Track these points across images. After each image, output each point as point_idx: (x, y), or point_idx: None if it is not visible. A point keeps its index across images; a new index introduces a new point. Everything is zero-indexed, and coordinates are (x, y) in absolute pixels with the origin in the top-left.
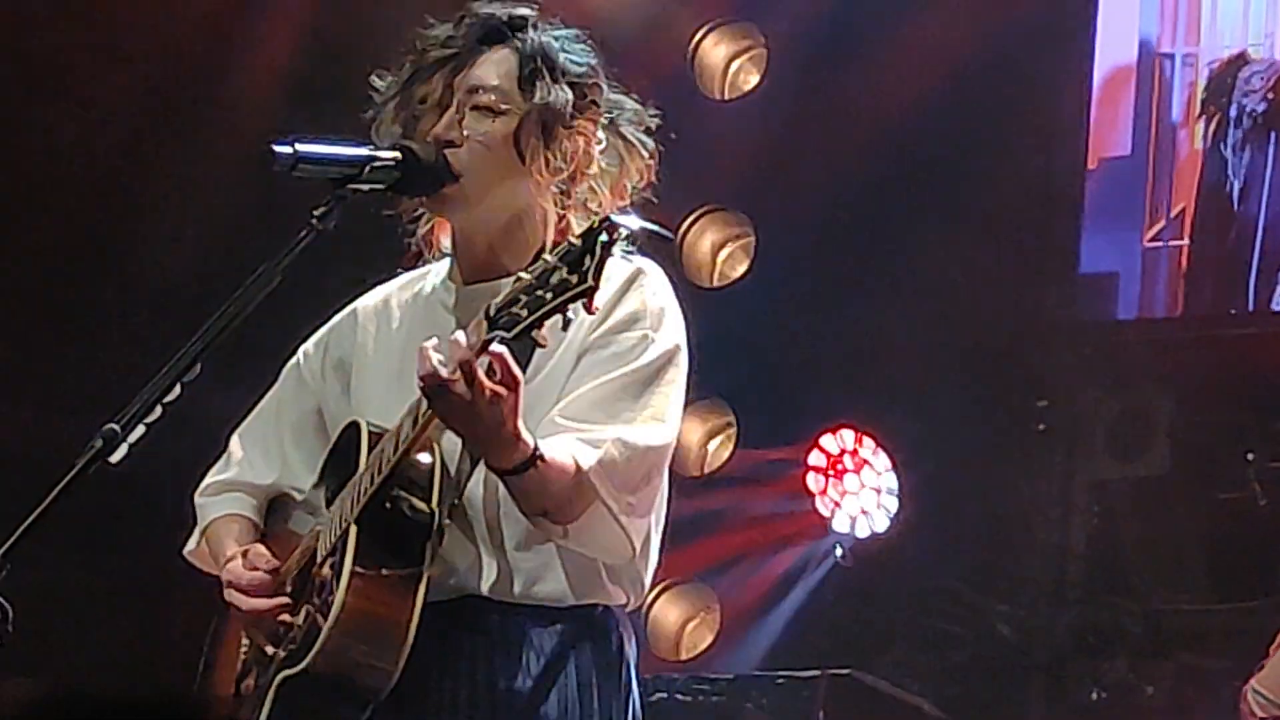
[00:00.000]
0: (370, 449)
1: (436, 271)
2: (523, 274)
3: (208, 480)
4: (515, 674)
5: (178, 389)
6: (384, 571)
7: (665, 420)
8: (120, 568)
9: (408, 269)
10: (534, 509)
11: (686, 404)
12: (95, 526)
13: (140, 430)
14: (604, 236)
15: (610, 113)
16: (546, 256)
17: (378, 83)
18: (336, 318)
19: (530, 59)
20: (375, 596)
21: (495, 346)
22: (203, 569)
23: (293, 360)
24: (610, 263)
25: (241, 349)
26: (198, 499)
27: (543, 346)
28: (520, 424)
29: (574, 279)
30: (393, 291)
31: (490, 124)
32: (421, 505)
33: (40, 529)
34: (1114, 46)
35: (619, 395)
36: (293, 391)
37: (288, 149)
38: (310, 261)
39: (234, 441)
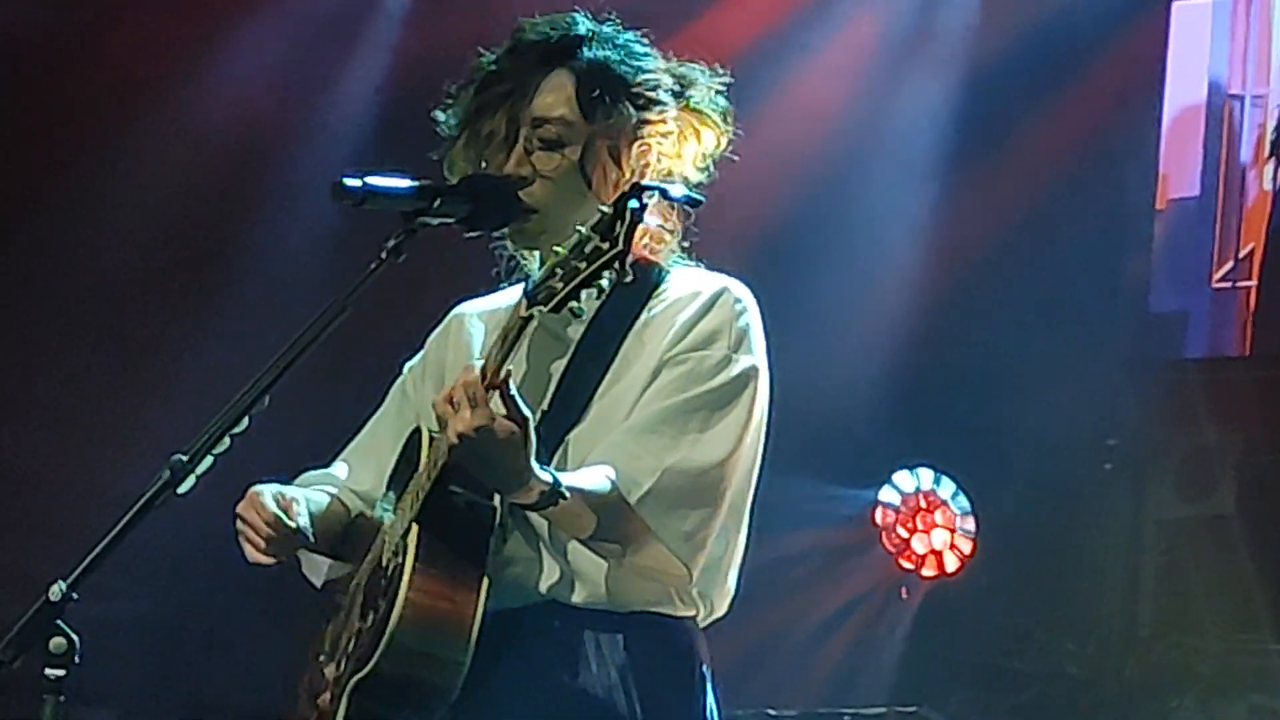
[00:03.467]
0: (431, 448)
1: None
2: (558, 248)
3: (303, 475)
4: (580, 679)
5: (246, 420)
6: (446, 567)
7: (730, 442)
8: (192, 596)
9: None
10: (579, 536)
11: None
12: (164, 556)
13: (208, 461)
14: (633, 202)
15: (680, 95)
16: (580, 228)
17: (441, 118)
18: (436, 330)
19: (588, 81)
20: (438, 592)
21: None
22: (306, 576)
23: (398, 378)
24: (697, 276)
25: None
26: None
27: (576, 316)
28: (533, 461)
29: (605, 245)
30: (487, 303)
31: (558, 157)
32: (484, 502)
33: (110, 559)
34: (1184, 88)
35: (687, 416)
36: (395, 405)
37: (357, 182)
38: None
39: (338, 460)
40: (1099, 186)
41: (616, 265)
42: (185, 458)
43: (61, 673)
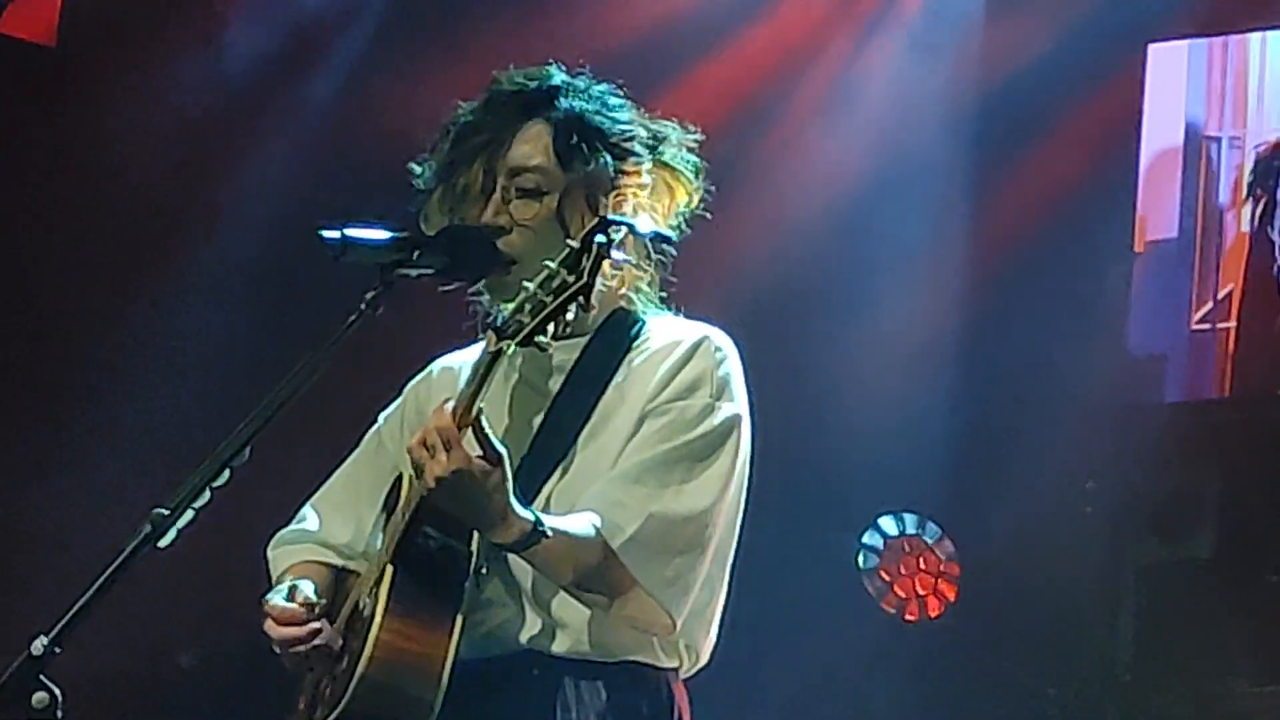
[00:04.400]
0: (408, 492)
1: None
2: (527, 283)
3: (278, 535)
4: None
5: (227, 473)
6: (419, 610)
7: (714, 491)
8: (172, 649)
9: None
10: (562, 582)
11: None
12: (147, 610)
13: (190, 515)
14: (600, 236)
15: (653, 149)
16: (548, 263)
17: (416, 170)
18: (415, 380)
19: (565, 131)
20: (410, 635)
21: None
22: None
23: (374, 425)
24: (675, 326)
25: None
26: (270, 553)
27: (543, 350)
28: (513, 500)
29: (572, 279)
30: (469, 357)
31: (536, 206)
32: (459, 546)
33: (91, 612)
34: (1161, 130)
35: (670, 466)
36: (371, 455)
37: (336, 234)
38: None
39: (308, 506)
40: (1077, 230)
41: (581, 298)
42: (166, 511)
43: None
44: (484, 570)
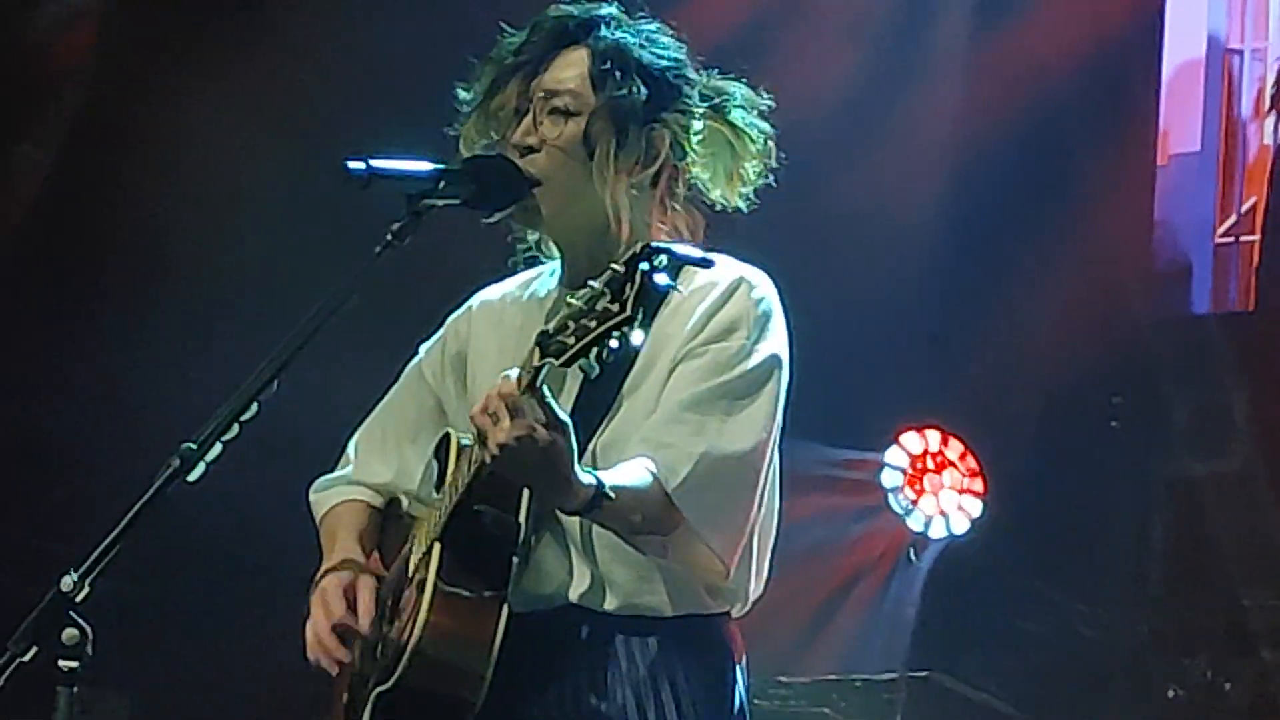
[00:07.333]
0: (458, 462)
1: (552, 271)
2: (572, 299)
3: (320, 479)
4: (611, 686)
5: (255, 407)
6: (468, 585)
7: (756, 431)
8: (206, 583)
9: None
10: (623, 532)
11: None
12: (180, 542)
13: (218, 448)
14: (644, 264)
15: (712, 100)
16: (593, 283)
17: (462, 95)
18: (455, 314)
19: (604, 57)
20: (458, 611)
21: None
22: None
23: (414, 359)
24: (715, 268)
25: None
26: (312, 495)
27: (587, 374)
28: (576, 467)
29: (615, 308)
30: (510, 289)
31: (565, 126)
32: (508, 518)
33: (124, 546)
34: (1183, 43)
35: (711, 405)
36: (412, 389)
37: (361, 165)
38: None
39: (351, 444)
40: (1100, 143)
41: (624, 330)
42: (195, 445)
43: (75, 664)
44: (532, 543)
